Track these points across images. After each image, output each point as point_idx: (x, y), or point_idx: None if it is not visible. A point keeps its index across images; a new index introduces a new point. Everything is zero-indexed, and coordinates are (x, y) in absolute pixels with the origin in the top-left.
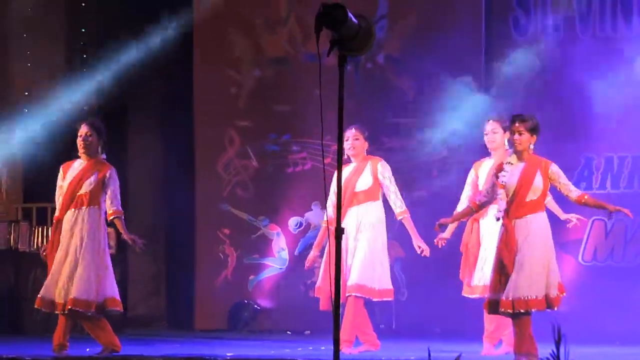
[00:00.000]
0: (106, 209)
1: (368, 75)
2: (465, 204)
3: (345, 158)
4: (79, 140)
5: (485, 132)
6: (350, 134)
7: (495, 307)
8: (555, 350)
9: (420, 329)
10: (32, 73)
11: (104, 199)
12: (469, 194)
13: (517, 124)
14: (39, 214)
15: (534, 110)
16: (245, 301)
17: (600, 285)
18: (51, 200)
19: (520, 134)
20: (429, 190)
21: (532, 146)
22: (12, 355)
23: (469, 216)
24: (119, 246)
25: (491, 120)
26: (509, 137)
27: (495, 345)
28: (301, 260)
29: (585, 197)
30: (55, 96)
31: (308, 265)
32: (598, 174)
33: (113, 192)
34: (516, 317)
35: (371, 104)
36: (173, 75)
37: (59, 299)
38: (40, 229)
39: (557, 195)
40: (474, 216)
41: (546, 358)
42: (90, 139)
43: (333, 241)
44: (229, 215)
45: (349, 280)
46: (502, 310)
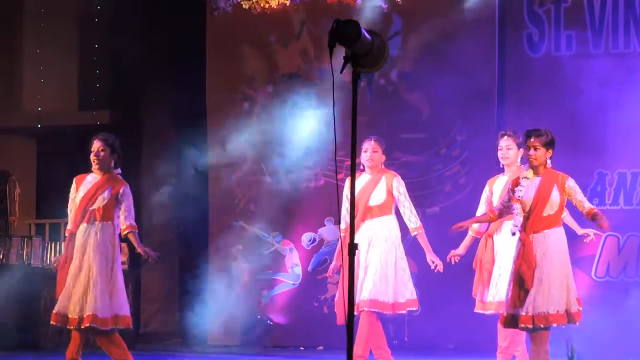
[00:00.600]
0: (120, 224)
1: (381, 91)
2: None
3: (359, 168)
4: (92, 156)
5: (499, 148)
6: (369, 146)
7: (513, 322)
8: None
9: (433, 345)
10: (45, 88)
11: (117, 215)
12: (483, 211)
13: (533, 139)
14: (51, 230)
15: (547, 126)
16: (258, 317)
17: (613, 301)
18: (64, 216)
19: (535, 149)
20: (442, 206)
21: (549, 160)
22: None
23: (485, 222)
24: (132, 262)
25: (505, 136)
26: (524, 153)
27: None
28: (314, 276)
29: (594, 211)
30: (68, 111)
31: (330, 275)
32: (611, 190)
33: (127, 207)
34: (534, 332)
35: (384, 119)
36: (186, 90)
37: (73, 314)
38: (53, 244)
39: (574, 210)
40: (488, 232)
41: None
42: (102, 154)
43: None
44: (242, 231)
45: (361, 295)
46: (522, 325)
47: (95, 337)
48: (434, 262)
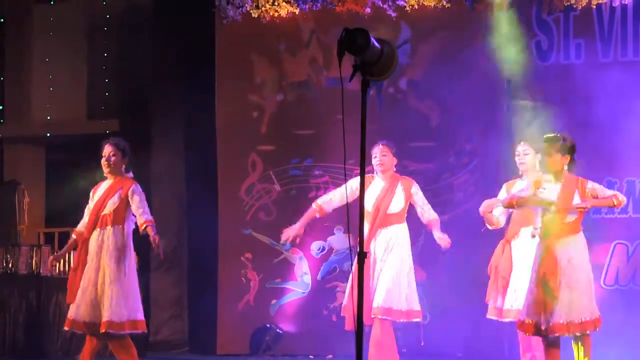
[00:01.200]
0: (137, 221)
1: (390, 99)
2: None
3: (369, 173)
4: (102, 161)
5: (517, 154)
6: (377, 150)
7: (537, 330)
8: None
9: (442, 353)
10: (54, 97)
11: (129, 217)
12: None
13: (547, 145)
14: (60, 239)
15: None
16: (268, 325)
17: (623, 309)
18: (73, 225)
19: (550, 156)
20: (451, 214)
21: (567, 167)
22: None
23: (507, 207)
24: (141, 270)
25: (522, 142)
26: (541, 159)
27: None
28: (323, 285)
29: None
30: (77, 120)
31: (284, 238)
32: None
33: (140, 205)
34: (575, 341)
35: (394, 128)
36: (195, 99)
37: (89, 319)
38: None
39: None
40: (506, 238)
41: None
42: (113, 158)
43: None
44: (252, 239)
45: (375, 302)
46: (558, 333)
47: (108, 342)
48: (440, 238)
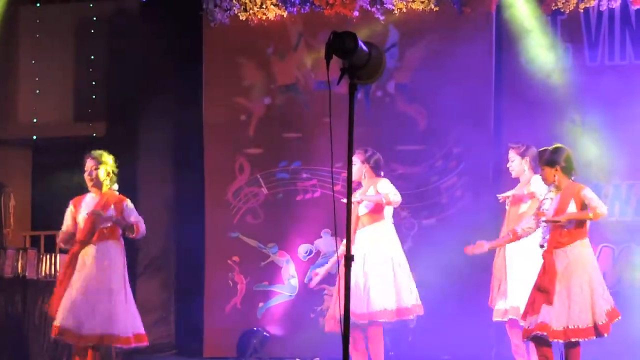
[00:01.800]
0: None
1: (378, 103)
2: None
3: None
4: (85, 175)
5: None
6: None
7: (532, 335)
8: None
9: (430, 355)
10: (40, 100)
11: (120, 233)
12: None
13: (538, 161)
14: (47, 242)
15: (543, 139)
16: (255, 328)
17: None
18: (59, 228)
19: (542, 170)
20: (439, 217)
21: (561, 175)
22: None
23: (505, 243)
24: (128, 273)
25: (510, 149)
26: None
27: None
28: (311, 288)
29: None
30: (63, 123)
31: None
32: (607, 202)
33: (136, 218)
34: (567, 347)
35: (382, 131)
36: (183, 102)
37: (91, 331)
38: (48, 256)
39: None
40: None
41: None
42: (95, 172)
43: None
44: (239, 242)
45: (364, 307)
46: (552, 339)
47: (92, 351)
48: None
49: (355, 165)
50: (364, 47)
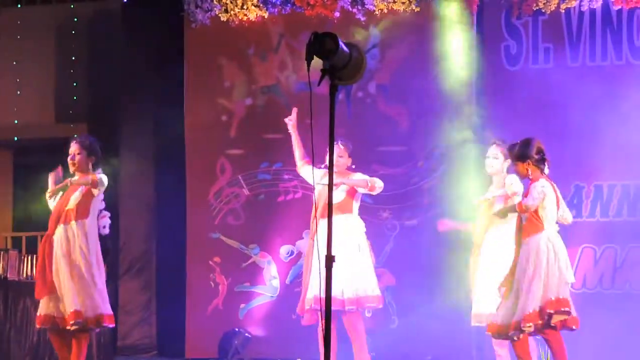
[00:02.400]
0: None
1: (360, 104)
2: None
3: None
4: (68, 159)
5: (487, 156)
6: (336, 149)
7: (499, 332)
8: None
9: (410, 357)
10: (22, 101)
11: (93, 211)
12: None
13: (510, 154)
14: (28, 243)
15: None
16: (236, 329)
17: (590, 312)
18: (40, 230)
19: (514, 164)
20: (420, 219)
21: (530, 170)
22: None
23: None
24: (110, 276)
25: (494, 145)
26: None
27: None
28: (292, 289)
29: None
30: (44, 124)
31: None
32: (588, 202)
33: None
34: (514, 342)
35: (362, 132)
36: (164, 103)
37: (61, 313)
38: (29, 257)
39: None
40: (475, 243)
41: None
42: (78, 157)
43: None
44: (220, 243)
45: (340, 295)
46: (501, 333)
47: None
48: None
49: (343, 157)
50: (345, 48)
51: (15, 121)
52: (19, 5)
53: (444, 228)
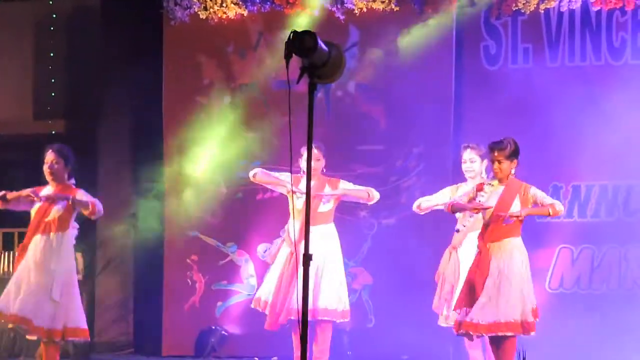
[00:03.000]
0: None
1: (339, 102)
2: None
3: (300, 174)
4: (45, 168)
5: (463, 161)
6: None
7: (460, 328)
8: None
9: (387, 357)
10: (1, 99)
11: (72, 224)
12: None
13: (496, 153)
14: (5, 240)
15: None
16: (213, 327)
17: (567, 312)
18: (18, 226)
19: (500, 163)
20: (398, 217)
21: (514, 171)
22: None
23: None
24: (87, 272)
25: (469, 149)
26: (488, 165)
27: None
28: None
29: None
30: (22, 120)
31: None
32: (565, 203)
33: (91, 198)
34: (498, 343)
35: (341, 130)
36: (143, 100)
37: (48, 325)
38: (6, 254)
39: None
40: (452, 244)
41: None
42: (56, 166)
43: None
44: (198, 241)
45: (315, 303)
46: (471, 332)
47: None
48: None
49: (320, 160)
50: (324, 47)
51: None
52: None
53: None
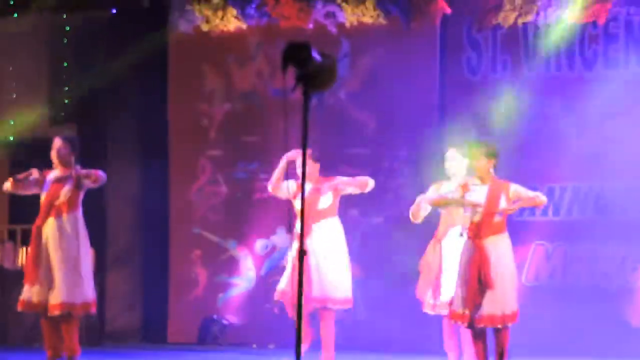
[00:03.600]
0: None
1: (329, 109)
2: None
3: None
4: (52, 153)
5: (446, 159)
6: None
7: (472, 320)
8: None
9: (377, 344)
10: (17, 104)
11: (81, 204)
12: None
13: (474, 150)
14: (24, 235)
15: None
16: (215, 317)
17: (541, 304)
18: (35, 222)
19: (477, 160)
20: (385, 215)
21: (492, 170)
22: None
23: (435, 205)
24: (98, 266)
25: (451, 148)
26: (469, 163)
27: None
28: (267, 280)
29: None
30: (41, 127)
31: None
32: None
33: (92, 170)
34: (499, 332)
35: (332, 135)
36: (149, 107)
37: (44, 301)
38: (25, 248)
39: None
40: (437, 237)
41: None
42: (63, 151)
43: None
44: (200, 237)
45: (321, 293)
46: (484, 325)
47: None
48: None
49: (316, 164)
50: (318, 57)
51: (12, 122)
52: (15, 15)
53: None
